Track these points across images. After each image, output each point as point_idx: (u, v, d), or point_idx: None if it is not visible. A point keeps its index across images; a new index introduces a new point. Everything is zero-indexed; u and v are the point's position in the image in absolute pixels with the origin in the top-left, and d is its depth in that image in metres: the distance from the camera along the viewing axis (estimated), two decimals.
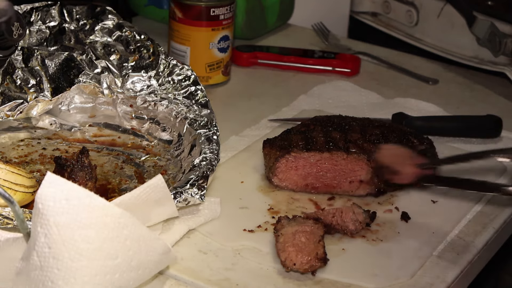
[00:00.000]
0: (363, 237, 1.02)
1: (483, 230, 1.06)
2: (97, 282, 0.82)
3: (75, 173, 1.03)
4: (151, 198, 0.94)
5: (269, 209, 1.08)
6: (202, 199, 1.00)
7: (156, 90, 1.21)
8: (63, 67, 1.21)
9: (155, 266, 0.88)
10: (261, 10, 1.65)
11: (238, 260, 0.97)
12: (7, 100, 1.17)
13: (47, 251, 0.83)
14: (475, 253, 1.02)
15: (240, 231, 1.02)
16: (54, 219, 0.83)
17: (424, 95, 1.45)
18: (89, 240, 0.82)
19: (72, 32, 1.23)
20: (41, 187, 0.83)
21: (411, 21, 1.70)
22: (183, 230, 1.00)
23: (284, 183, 1.12)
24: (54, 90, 1.20)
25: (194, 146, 1.11)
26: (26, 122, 1.20)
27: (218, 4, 1.39)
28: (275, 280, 0.94)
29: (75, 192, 0.83)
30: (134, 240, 0.85)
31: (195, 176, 1.02)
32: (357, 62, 1.56)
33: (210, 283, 0.93)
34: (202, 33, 1.40)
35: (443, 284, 0.95)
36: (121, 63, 1.22)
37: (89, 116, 1.24)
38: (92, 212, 0.83)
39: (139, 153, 1.19)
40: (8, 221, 0.94)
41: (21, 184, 0.98)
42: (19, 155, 1.17)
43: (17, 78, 1.18)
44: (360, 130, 1.14)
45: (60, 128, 1.23)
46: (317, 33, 1.72)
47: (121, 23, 1.24)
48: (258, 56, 1.56)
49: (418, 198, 1.12)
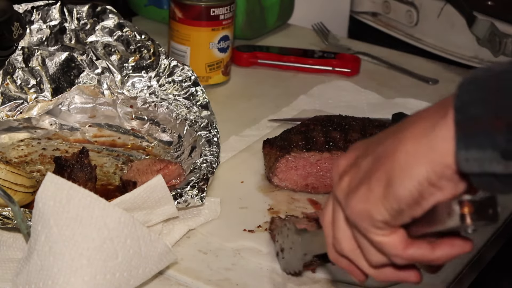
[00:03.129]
0: None
1: (483, 230, 1.06)
2: (97, 282, 0.82)
3: (75, 173, 1.03)
4: (151, 198, 0.94)
5: (269, 209, 1.08)
6: (202, 201, 1.00)
7: (157, 91, 1.21)
8: (63, 67, 1.21)
9: (155, 265, 0.88)
10: (261, 10, 1.65)
11: (238, 260, 0.97)
12: (7, 100, 1.17)
13: (47, 250, 0.83)
14: (475, 253, 1.02)
15: (240, 231, 1.02)
16: (54, 219, 0.83)
17: (424, 95, 1.45)
18: (89, 240, 0.82)
19: (72, 32, 1.23)
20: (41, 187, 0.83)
21: (411, 21, 1.70)
22: (183, 230, 1.00)
23: (284, 183, 1.12)
24: (54, 90, 1.20)
25: (194, 148, 1.11)
26: (26, 122, 1.20)
27: (218, 4, 1.39)
28: (275, 280, 0.94)
29: (75, 192, 0.83)
30: (134, 240, 0.85)
31: (196, 178, 1.02)
32: (357, 62, 1.56)
33: (210, 283, 0.93)
34: (202, 33, 1.40)
35: (443, 284, 0.95)
36: (121, 63, 1.22)
37: (89, 116, 1.24)
38: (92, 212, 0.83)
39: (139, 154, 1.19)
40: (8, 221, 0.94)
41: (21, 184, 0.98)
42: (19, 155, 1.17)
43: (17, 78, 1.18)
44: (360, 130, 1.14)
45: (60, 129, 1.23)
46: (317, 33, 1.72)
47: (122, 22, 1.24)
48: (258, 56, 1.56)
49: None
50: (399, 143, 0.65)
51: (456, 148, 0.61)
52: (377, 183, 0.66)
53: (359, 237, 0.70)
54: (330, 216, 0.73)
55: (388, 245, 0.68)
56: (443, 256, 0.68)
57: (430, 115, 0.64)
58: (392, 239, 0.67)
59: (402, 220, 0.66)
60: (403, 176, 0.64)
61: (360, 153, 0.71)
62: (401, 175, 0.64)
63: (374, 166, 0.67)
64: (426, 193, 0.64)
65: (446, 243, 0.68)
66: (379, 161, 0.67)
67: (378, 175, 0.66)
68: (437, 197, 0.64)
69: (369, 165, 0.68)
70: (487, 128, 0.59)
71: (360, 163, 0.69)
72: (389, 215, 0.66)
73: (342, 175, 0.71)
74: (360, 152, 0.71)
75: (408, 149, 0.64)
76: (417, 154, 0.63)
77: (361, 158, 0.70)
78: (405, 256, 0.68)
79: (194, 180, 1.02)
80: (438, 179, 0.63)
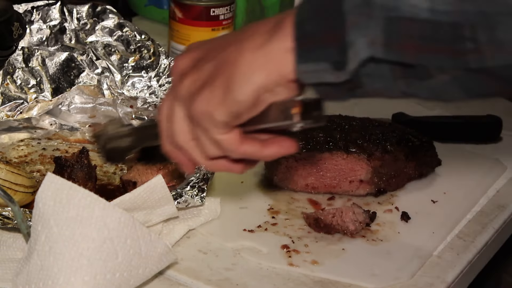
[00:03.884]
0: (363, 237, 1.02)
1: (483, 230, 1.06)
2: (97, 282, 0.82)
3: (75, 173, 1.03)
4: (151, 198, 0.94)
5: (269, 209, 1.08)
6: (202, 201, 1.00)
7: (157, 91, 1.21)
8: (63, 67, 1.21)
9: (155, 265, 0.88)
10: (261, 10, 1.65)
11: (238, 260, 0.97)
12: (7, 100, 1.17)
13: (47, 250, 0.83)
14: (475, 253, 1.02)
15: (240, 231, 1.02)
16: (54, 219, 0.83)
17: None
18: (89, 240, 0.82)
19: (72, 31, 1.23)
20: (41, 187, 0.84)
21: None
22: (183, 230, 1.00)
23: (284, 183, 1.12)
24: (54, 90, 1.20)
25: None
26: (26, 122, 1.20)
27: (218, 4, 1.39)
28: (275, 280, 0.94)
29: (75, 192, 0.83)
30: (134, 240, 0.85)
31: (196, 178, 1.02)
32: None
33: (210, 283, 0.93)
34: (202, 33, 1.40)
35: (443, 284, 0.95)
36: (121, 63, 1.22)
37: (89, 116, 1.24)
38: (92, 212, 0.83)
39: None
40: (8, 221, 0.94)
41: (21, 184, 0.98)
42: (19, 155, 1.17)
43: (17, 78, 1.18)
44: (360, 130, 1.14)
45: (60, 129, 1.23)
46: None
47: (122, 22, 1.24)
48: None
49: (418, 198, 1.12)
50: (239, 53, 0.71)
51: (296, 61, 0.67)
52: (219, 88, 0.72)
53: (198, 132, 0.76)
54: (167, 111, 0.78)
55: (225, 142, 0.75)
56: (271, 154, 0.76)
57: (269, 28, 0.70)
58: (229, 136, 0.74)
59: (240, 120, 0.73)
60: (243, 82, 0.70)
61: (201, 55, 0.76)
62: (241, 82, 0.71)
63: (217, 71, 0.73)
64: (263, 98, 0.71)
65: (275, 142, 0.76)
66: (221, 67, 0.72)
67: (220, 80, 0.72)
68: (272, 100, 0.72)
69: (212, 70, 0.73)
70: (322, 43, 0.66)
71: (202, 66, 0.74)
72: (229, 116, 0.72)
73: (184, 75, 0.76)
74: (201, 55, 0.76)
75: (247, 58, 0.70)
76: (256, 63, 0.70)
77: (202, 61, 0.75)
78: (239, 151, 0.76)
79: (194, 180, 1.02)
80: (275, 86, 0.70)
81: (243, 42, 0.71)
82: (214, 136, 0.75)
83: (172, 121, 0.78)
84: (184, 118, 0.76)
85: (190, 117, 0.75)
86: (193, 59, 0.76)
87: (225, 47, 0.74)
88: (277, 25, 0.70)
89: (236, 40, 0.73)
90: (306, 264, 0.96)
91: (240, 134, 0.75)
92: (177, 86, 0.76)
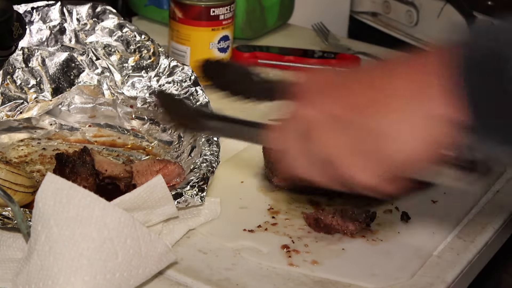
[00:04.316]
0: (363, 237, 1.02)
1: (483, 230, 1.06)
2: (97, 282, 0.82)
3: (77, 169, 1.03)
4: (151, 198, 0.94)
5: (269, 209, 1.08)
6: (202, 200, 1.00)
7: (157, 91, 1.21)
8: (63, 67, 1.21)
9: (155, 265, 0.88)
10: (261, 10, 1.65)
11: (238, 260, 0.97)
12: (7, 100, 1.17)
13: (47, 250, 0.83)
14: (475, 253, 1.02)
15: (240, 231, 1.02)
16: (54, 219, 0.83)
17: None
18: (89, 240, 0.82)
19: (72, 32, 1.23)
20: (41, 187, 0.84)
21: (411, 21, 1.70)
22: (183, 230, 1.00)
23: (284, 183, 1.12)
24: (54, 90, 1.20)
25: (194, 147, 1.11)
26: (26, 122, 1.20)
27: (218, 4, 1.39)
28: (275, 280, 0.94)
29: (75, 192, 0.83)
30: (134, 240, 0.85)
31: (195, 177, 1.02)
32: (357, 62, 1.56)
33: (210, 283, 0.93)
34: (202, 33, 1.40)
35: (443, 284, 0.95)
36: (121, 63, 1.22)
37: (89, 116, 1.24)
38: (92, 212, 0.83)
39: (139, 154, 1.19)
40: (8, 221, 0.94)
41: (21, 184, 0.99)
42: (19, 155, 1.17)
43: (17, 78, 1.18)
44: None
45: (60, 129, 1.23)
46: (317, 33, 1.72)
47: (122, 22, 1.24)
48: (258, 56, 1.56)
49: (418, 198, 1.12)
50: (394, 120, 0.67)
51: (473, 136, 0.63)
52: (377, 163, 0.69)
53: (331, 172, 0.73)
54: (291, 147, 0.76)
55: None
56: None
57: (424, 86, 0.65)
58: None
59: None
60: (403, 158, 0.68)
61: (337, 106, 0.71)
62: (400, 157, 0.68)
63: (371, 140, 0.69)
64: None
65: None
66: (376, 137, 0.68)
67: (378, 155, 0.69)
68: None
69: (363, 135, 0.69)
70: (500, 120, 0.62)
71: (346, 128, 0.70)
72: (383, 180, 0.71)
73: (316, 123, 0.72)
74: (336, 105, 0.71)
75: (404, 128, 0.66)
76: (415, 133, 0.66)
77: (344, 119, 0.70)
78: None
79: (194, 179, 1.02)
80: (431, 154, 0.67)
81: (395, 102, 0.67)
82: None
83: (302, 153, 0.75)
84: (316, 163, 0.74)
85: (323, 163, 0.72)
86: (324, 104, 0.72)
87: (368, 106, 0.69)
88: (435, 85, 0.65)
89: (386, 95, 0.68)
90: (306, 264, 0.97)
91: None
92: (310, 128, 0.73)
